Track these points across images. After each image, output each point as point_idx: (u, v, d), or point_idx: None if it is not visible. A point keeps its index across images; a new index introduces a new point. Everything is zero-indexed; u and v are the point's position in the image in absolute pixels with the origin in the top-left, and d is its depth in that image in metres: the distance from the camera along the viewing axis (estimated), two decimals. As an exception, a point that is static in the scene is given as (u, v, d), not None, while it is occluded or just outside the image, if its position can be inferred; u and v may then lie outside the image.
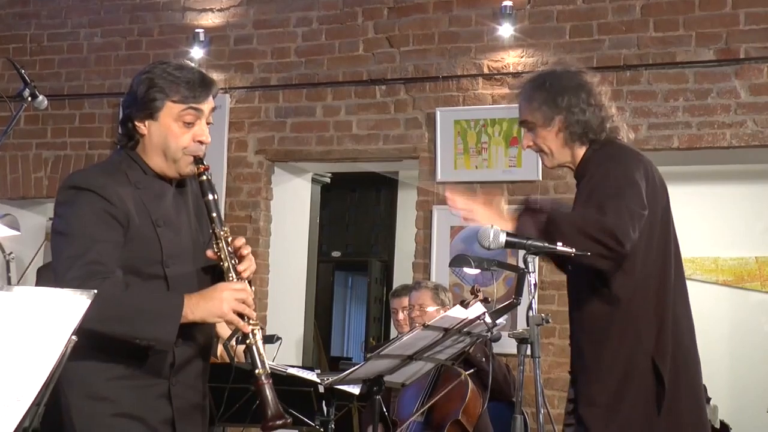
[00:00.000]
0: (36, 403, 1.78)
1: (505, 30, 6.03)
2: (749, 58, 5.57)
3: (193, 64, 2.90)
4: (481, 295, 4.46)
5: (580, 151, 3.25)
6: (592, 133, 3.23)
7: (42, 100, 3.85)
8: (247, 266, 2.63)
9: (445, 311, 4.23)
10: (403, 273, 7.93)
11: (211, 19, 6.87)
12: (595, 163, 3.21)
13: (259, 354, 2.57)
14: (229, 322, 2.57)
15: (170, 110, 2.63)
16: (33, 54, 7.32)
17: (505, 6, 5.99)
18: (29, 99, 3.80)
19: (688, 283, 3.31)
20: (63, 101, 7.13)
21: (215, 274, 2.68)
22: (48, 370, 1.78)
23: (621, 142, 3.30)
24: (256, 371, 2.56)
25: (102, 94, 7.10)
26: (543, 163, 3.36)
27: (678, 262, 3.23)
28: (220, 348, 4.38)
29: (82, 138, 7.11)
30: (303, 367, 4.86)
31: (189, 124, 2.64)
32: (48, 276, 4.90)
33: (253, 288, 2.64)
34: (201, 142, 2.66)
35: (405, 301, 5.24)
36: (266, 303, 6.66)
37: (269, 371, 2.57)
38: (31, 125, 7.18)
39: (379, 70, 6.40)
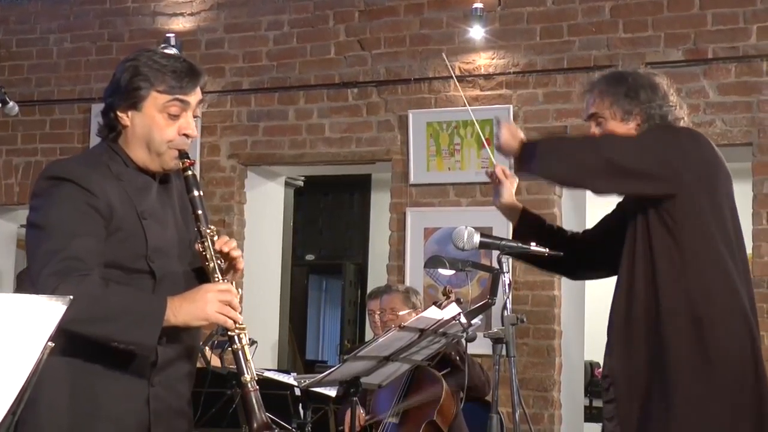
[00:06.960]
0: (11, 412, 1.77)
1: (476, 32, 6.05)
2: (717, 58, 5.62)
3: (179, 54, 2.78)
4: (453, 296, 4.47)
5: None
6: None
7: (13, 106, 3.81)
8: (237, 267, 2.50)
9: (416, 314, 4.24)
10: (377, 275, 7.93)
11: (181, 24, 6.85)
12: None
13: (246, 359, 2.44)
14: (214, 324, 2.44)
15: (155, 101, 2.46)
16: (2, 60, 7.27)
17: (476, 8, 6.01)
18: (0, 105, 3.77)
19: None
20: (33, 107, 7.09)
21: (202, 272, 2.53)
22: (24, 377, 1.77)
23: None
24: (242, 378, 2.42)
25: (72, 99, 7.07)
26: None
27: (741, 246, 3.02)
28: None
29: (53, 144, 7.07)
30: (279, 371, 4.85)
31: (174, 116, 2.48)
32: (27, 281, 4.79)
33: (240, 291, 2.51)
34: (187, 136, 2.50)
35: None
36: (241, 307, 6.63)
37: (256, 376, 2.44)
38: (0, 131, 7.12)
39: (350, 73, 6.41)
